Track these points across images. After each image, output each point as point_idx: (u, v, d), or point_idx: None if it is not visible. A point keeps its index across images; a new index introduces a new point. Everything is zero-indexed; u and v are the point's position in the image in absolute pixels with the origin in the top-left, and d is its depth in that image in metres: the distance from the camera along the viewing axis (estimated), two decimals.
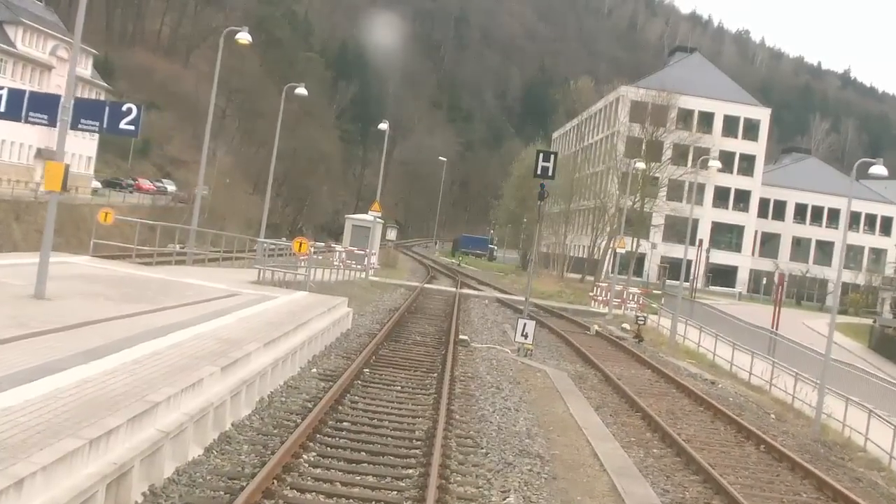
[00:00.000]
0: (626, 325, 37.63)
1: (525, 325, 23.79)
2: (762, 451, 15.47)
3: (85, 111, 15.37)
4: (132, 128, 15.15)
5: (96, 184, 75.56)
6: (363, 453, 11.48)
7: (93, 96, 69.61)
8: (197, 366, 11.09)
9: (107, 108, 15.40)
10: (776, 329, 35.70)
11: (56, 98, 15.48)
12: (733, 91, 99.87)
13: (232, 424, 11.56)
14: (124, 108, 15.24)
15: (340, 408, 13.87)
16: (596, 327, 34.18)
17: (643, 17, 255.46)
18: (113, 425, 7.95)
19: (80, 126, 15.31)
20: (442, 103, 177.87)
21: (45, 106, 15.48)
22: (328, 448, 11.50)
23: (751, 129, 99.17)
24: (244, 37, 28.30)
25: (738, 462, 14.49)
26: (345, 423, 12.88)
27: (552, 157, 23.28)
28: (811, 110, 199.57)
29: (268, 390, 13.68)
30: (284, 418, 12.53)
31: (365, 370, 17.43)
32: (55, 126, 15.28)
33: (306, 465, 10.52)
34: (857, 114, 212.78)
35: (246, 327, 15.05)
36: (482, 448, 12.54)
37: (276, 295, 21.66)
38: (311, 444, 11.47)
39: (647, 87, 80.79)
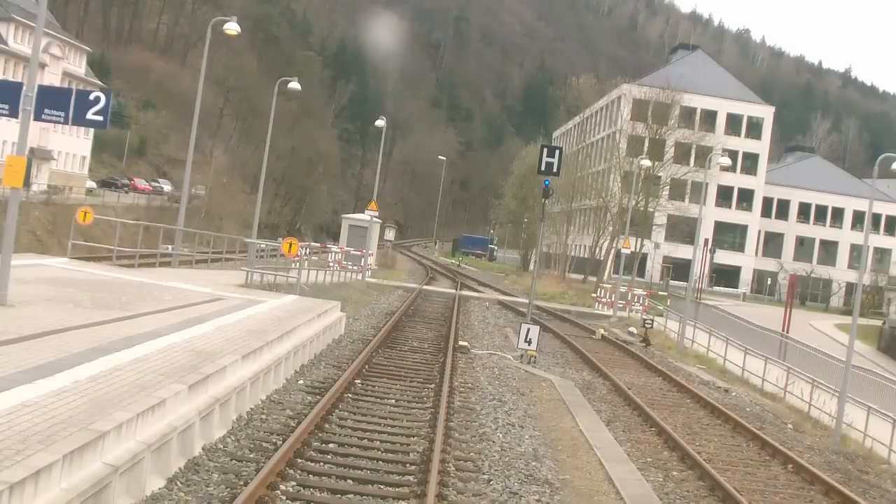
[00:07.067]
0: (633, 329, 36.32)
1: (528, 330, 22.51)
2: (790, 472, 14.14)
3: (49, 100, 14.03)
4: (100, 118, 13.80)
5: (91, 184, 74.26)
6: (350, 481, 10.20)
7: None
8: (161, 384, 9.79)
9: (73, 97, 14.05)
10: (787, 332, 34.40)
11: (18, 86, 14.17)
12: (736, 89, 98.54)
13: (203, 448, 10.29)
14: (92, 96, 13.90)
15: (327, 426, 12.59)
16: (601, 331, 32.89)
17: (643, 16, 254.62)
18: (44, 463, 6.66)
19: (43, 117, 13.96)
20: (441, 102, 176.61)
21: (6, 95, 14.18)
22: (310, 476, 10.19)
23: (754, 128, 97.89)
24: (232, 27, 27.03)
25: (766, 486, 13.14)
26: (331, 445, 11.59)
27: (557, 152, 22.02)
28: (812, 109, 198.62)
29: (247, 407, 12.39)
30: (263, 440, 11.24)
31: (356, 381, 16.16)
32: (17, 117, 13.99)
33: (283, 499, 9.22)
34: (859, 113, 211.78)
35: (224, 337, 13.74)
36: (484, 473, 11.25)
37: (264, 299, 20.35)
38: (290, 471, 10.17)
39: (649, 85, 79.44)
